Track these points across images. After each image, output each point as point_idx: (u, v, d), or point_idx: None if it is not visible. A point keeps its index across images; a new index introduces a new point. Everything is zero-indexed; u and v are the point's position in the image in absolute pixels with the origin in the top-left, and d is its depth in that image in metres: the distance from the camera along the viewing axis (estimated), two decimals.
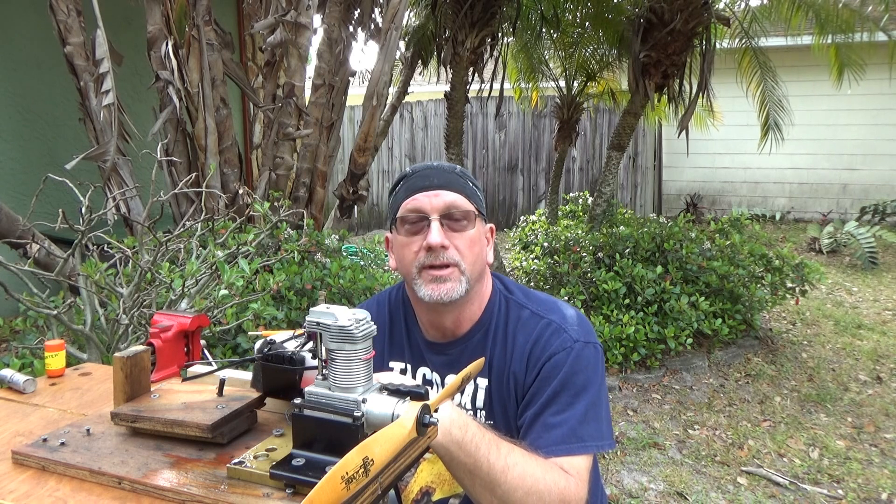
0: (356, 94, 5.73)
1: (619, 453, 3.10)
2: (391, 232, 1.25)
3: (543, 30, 6.47)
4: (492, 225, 1.29)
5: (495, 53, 5.65)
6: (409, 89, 6.48)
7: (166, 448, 0.89)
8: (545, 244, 5.07)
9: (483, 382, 1.22)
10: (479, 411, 1.22)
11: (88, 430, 0.93)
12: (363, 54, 33.14)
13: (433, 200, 1.16)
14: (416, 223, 1.17)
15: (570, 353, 1.15)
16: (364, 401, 0.82)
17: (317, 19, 4.10)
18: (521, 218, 7.24)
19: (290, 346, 0.98)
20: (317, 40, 4.14)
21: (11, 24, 4.34)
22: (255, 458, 0.83)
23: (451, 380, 1.25)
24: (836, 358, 4.39)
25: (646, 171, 9.46)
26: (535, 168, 9.87)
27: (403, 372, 1.30)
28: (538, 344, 1.18)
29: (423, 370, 1.28)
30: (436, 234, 1.14)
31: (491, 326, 1.24)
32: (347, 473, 0.66)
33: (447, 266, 1.16)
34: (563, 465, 1.06)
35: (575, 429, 1.10)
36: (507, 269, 5.78)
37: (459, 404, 1.23)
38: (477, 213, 1.21)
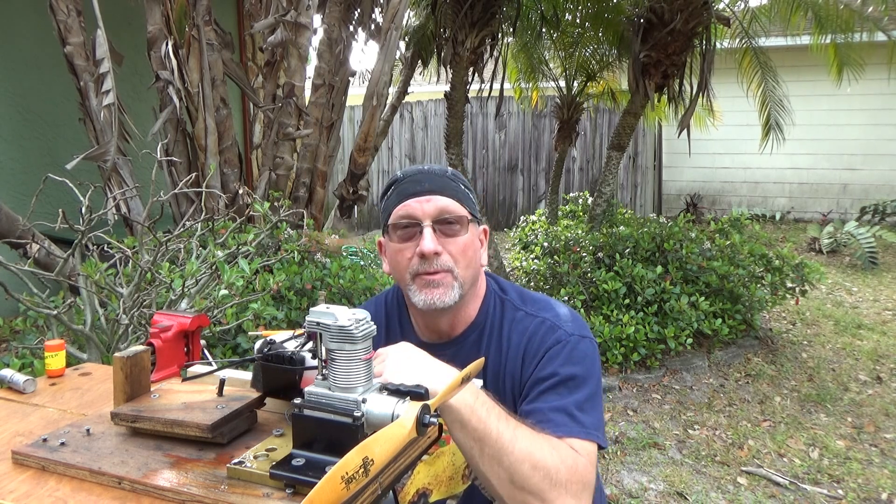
0: (356, 94, 5.72)
1: (619, 453, 3.10)
2: (384, 237, 1.24)
3: (543, 30, 6.47)
4: (485, 227, 1.29)
5: (495, 53, 5.64)
6: (409, 89, 6.47)
7: (166, 448, 0.89)
8: (545, 244, 5.07)
9: (477, 383, 1.22)
10: None
11: (88, 430, 0.93)
12: (363, 54, 33.13)
13: (425, 206, 1.15)
14: (408, 229, 1.16)
15: (566, 346, 1.16)
16: (364, 401, 0.82)
17: (317, 19, 4.11)
18: (521, 218, 7.23)
19: (290, 346, 0.98)
20: (317, 40, 4.14)
21: (11, 24, 4.34)
22: (255, 458, 0.83)
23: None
24: (836, 358, 4.39)
25: (646, 171, 9.46)
26: (535, 168, 9.87)
27: None
28: (533, 341, 1.18)
29: None
30: (429, 241, 1.14)
31: (486, 327, 1.24)
32: (347, 473, 0.66)
33: (441, 271, 1.16)
34: (572, 445, 1.06)
35: (575, 415, 1.09)
36: (507, 269, 5.78)
37: None
38: (470, 216, 1.20)
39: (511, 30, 5.93)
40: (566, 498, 0.98)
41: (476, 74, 5.51)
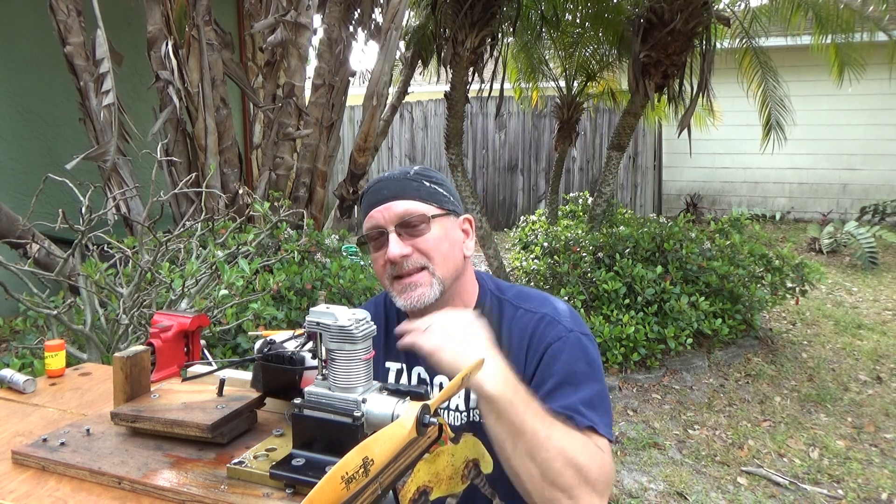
0: (356, 94, 5.73)
1: (619, 453, 3.10)
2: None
3: (543, 30, 6.47)
4: (468, 216, 1.28)
5: (495, 53, 5.64)
6: (409, 89, 6.47)
7: (166, 448, 0.89)
8: (545, 244, 5.07)
9: None
10: (472, 411, 1.22)
11: (88, 430, 0.93)
12: (363, 54, 33.18)
13: (385, 214, 1.17)
14: (378, 239, 1.19)
15: (567, 342, 1.16)
16: (364, 401, 0.82)
17: (317, 19, 4.11)
18: (521, 218, 7.24)
19: (290, 346, 0.98)
20: (317, 40, 4.14)
21: (11, 24, 4.34)
22: (255, 458, 0.83)
23: (441, 379, 1.25)
24: (836, 358, 4.39)
25: (646, 171, 9.46)
26: (535, 168, 9.87)
27: (399, 372, 1.30)
28: (534, 337, 1.18)
29: (418, 369, 1.29)
30: (393, 246, 1.15)
31: None
32: (347, 473, 0.66)
33: (416, 271, 1.17)
34: (597, 443, 1.07)
35: (584, 413, 1.09)
36: (507, 269, 5.78)
37: (447, 407, 1.23)
38: (438, 210, 1.20)
39: (511, 30, 5.93)
40: (593, 496, 0.99)
41: (476, 74, 5.51)
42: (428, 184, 1.21)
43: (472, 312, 1.07)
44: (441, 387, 1.25)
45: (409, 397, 0.83)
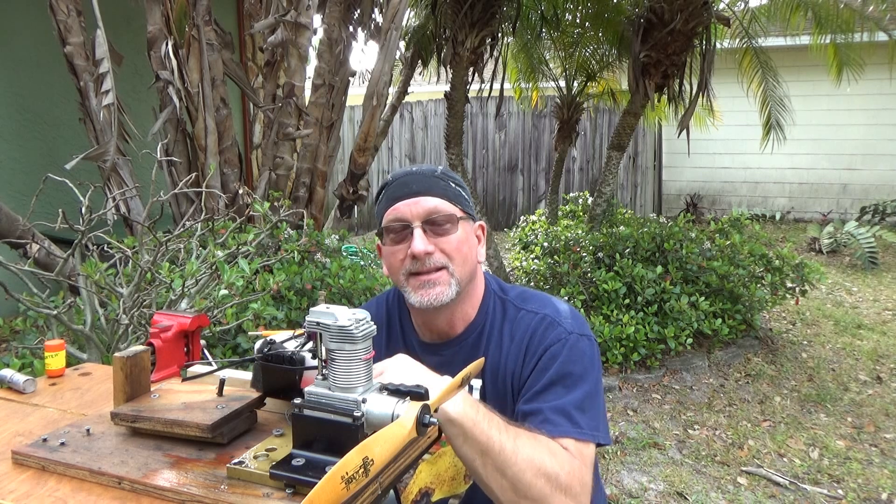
0: (356, 94, 5.72)
1: (619, 453, 3.10)
2: (379, 241, 1.26)
3: (543, 30, 6.47)
4: (481, 223, 1.29)
5: (495, 53, 5.65)
6: (409, 89, 6.47)
7: (166, 448, 0.89)
8: (545, 244, 5.07)
9: (477, 383, 1.22)
10: None
11: (88, 430, 0.94)
12: (363, 54, 33.14)
13: (413, 208, 1.16)
14: (400, 232, 1.18)
15: (566, 345, 1.16)
16: (364, 401, 0.82)
17: (317, 19, 4.11)
18: (521, 218, 7.24)
19: (290, 346, 0.98)
20: (317, 40, 4.14)
21: (11, 24, 4.34)
22: (255, 458, 0.83)
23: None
24: (836, 358, 4.38)
25: (646, 171, 9.46)
26: (535, 168, 9.87)
27: None
28: (534, 338, 1.19)
29: None
30: (419, 241, 1.15)
31: (486, 327, 1.25)
32: (347, 473, 0.66)
33: (436, 270, 1.16)
34: (568, 447, 1.07)
35: (572, 415, 1.10)
36: (507, 269, 5.78)
37: None
38: (462, 213, 1.20)
39: (511, 30, 5.93)
40: (567, 501, 1.00)
41: (476, 74, 5.51)
42: (454, 185, 1.22)
43: (404, 355, 1.06)
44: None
45: (409, 397, 0.83)
